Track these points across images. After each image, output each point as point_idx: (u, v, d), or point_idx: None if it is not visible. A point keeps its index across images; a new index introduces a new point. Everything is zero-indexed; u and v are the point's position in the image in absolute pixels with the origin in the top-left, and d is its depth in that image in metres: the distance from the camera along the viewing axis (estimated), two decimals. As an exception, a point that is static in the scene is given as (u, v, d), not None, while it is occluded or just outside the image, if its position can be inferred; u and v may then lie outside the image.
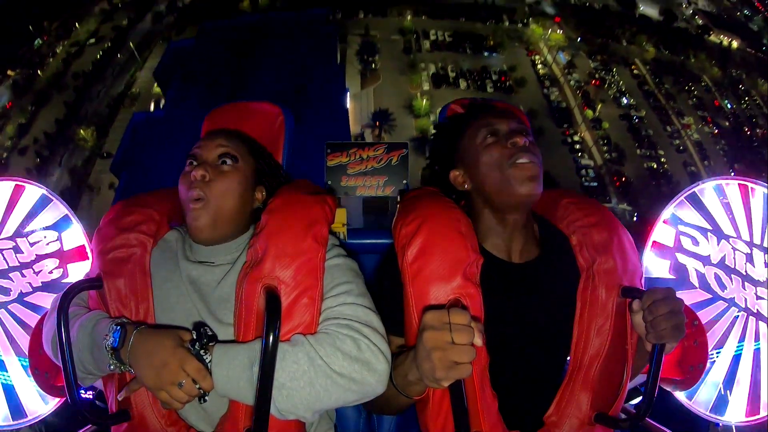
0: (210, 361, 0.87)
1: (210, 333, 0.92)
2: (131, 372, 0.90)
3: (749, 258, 1.33)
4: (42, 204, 1.46)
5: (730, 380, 1.36)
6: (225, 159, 1.05)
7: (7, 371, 1.42)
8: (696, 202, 1.42)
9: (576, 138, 35.36)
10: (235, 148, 1.07)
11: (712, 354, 1.35)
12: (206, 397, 0.88)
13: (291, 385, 0.85)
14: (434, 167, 1.19)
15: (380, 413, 1.23)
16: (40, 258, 1.45)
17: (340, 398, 0.87)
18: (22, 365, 1.42)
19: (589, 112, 36.46)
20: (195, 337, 0.90)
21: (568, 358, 1.04)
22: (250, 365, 0.86)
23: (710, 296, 1.40)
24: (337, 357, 0.87)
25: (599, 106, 36.97)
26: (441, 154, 1.17)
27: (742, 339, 1.36)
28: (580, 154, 34.41)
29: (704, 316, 1.38)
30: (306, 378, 0.86)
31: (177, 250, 1.06)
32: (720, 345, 1.38)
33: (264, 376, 0.82)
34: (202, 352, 0.88)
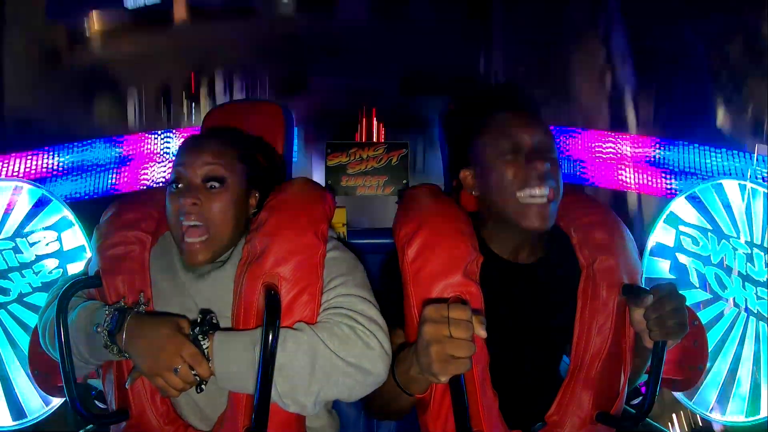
0: (207, 348, 0.87)
1: (214, 322, 0.92)
2: (126, 358, 0.90)
3: (749, 258, 1.33)
4: (42, 204, 1.46)
5: (730, 380, 1.36)
6: (212, 183, 0.98)
7: (7, 371, 1.42)
8: (696, 202, 1.43)
9: None
10: (222, 164, 0.99)
11: (712, 354, 1.35)
12: (203, 386, 0.87)
13: (291, 364, 0.85)
14: (445, 159, 1.15)
15: (383, 417, 1.18)
16: (39, 258, 1.45)
17: (339, 382, 0.87)
18: (21, 365, 1.42)
19: None
20: (198, 322, 0.90)
21: (565, 356, 1.04)
22: (252, 347, 0.86)
23: (710, 296, 1.41)
24: (334, 342, 0.87)
25: None
26: (452, 148, 1.12)
27: (742, 339, 1.36)
28: None
29: (704, 316, 1.39)
30: (306, 358, 0.85)
31: (174, 248, 1.06)
32: (720, 345, 1.38)
33: (264, 372, 0.82)
34: (200, 337, 0.87)
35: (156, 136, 2.16)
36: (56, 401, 1.42)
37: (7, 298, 1.43)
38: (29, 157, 1.73)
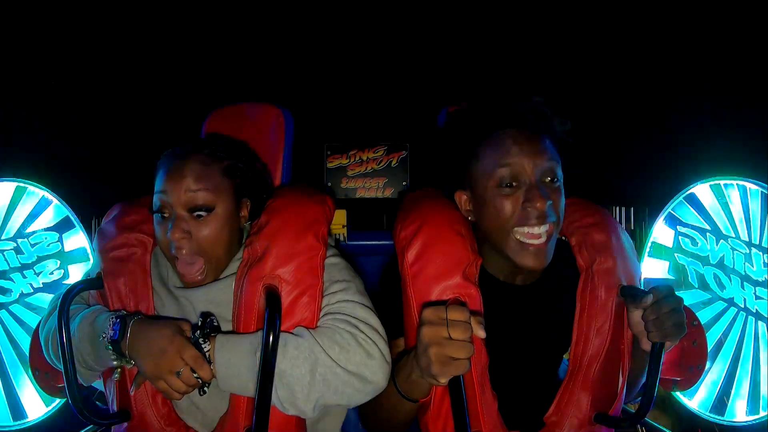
0: (208, 351, 0.87)
1: (215, 324, 0.92)
2: (129, 366, 0.90)
3: (748, 258, 1.34)
4: (43, 205, 1.47)
5: (729, 380, 1.36)
6: (199, 213, 0.94)
7: (7, 371, 1.42)
8: (694, 203, 1.43)
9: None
10: (206, 188, 0.94)
11: (711, 354, 1.36)
12: (205, 389, 0.87)
13: (292, 372, 0.85)
14: (440, 179, 1.09)
15: (384, 430, 1.10)
16: (41, 259, 1.46)
17: (338, 390, 0.87)
18: (22, 365, 1.43)
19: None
20: (198, 325, 0.90)
21: (564, 357, 1.04)
22: (253, 352, 0.86)
23: (709, 296, 1.41)
24: (334, 350, 0.87)
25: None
26: (448, 169, 1.05)
27: (741, 339, 1.37)
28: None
29: (703, 316, 1.39)
30: (307, 365, 0.86)
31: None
32: (719, 345, 1.39)
33: (265, 373, 0.82)
34: (201, 340, 0.87)
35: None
36: (56, 401, 1.42)
37: (8, 299, 1.44)
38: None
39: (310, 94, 1.84)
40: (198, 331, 0.89)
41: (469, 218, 1.03)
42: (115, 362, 0.90)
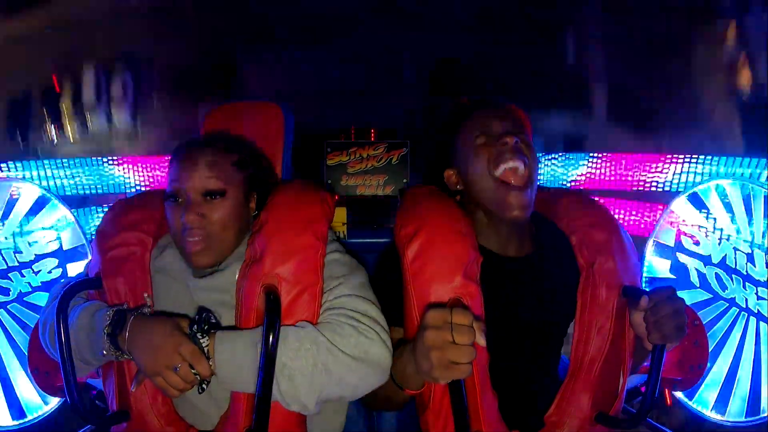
0: (207, 346, 0.86)
1: (213, 321, 0.92)
2: (125, 359, 0.89)
3: (750, 258, 1.33)
4: (41, 204, 1.46)
5: (730, 380, 1.37)
6: (211, 196, 0.98)
7: (7, 371, 1.42)
8: (697, 202, 1.43)
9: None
10: (220, 176, 0.99)
11: (712, 354, 1.36)
12: (204, 386, 0.86)
13: (293, 364, 0.85)
14: (430, 163, 1.17)
15: (382, 409, 1.19)
16: (39, 258, 1.45)
17: (340, 380, 0.87)
18: (21, 365, 1.42)
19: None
20: (196, 320, 0.89)
21: (564, 357, 1.04)
22: (254, 345, 0.86)
23: (711, 296, 1.41)
24: (337, 341, 0.87)
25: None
26: (436, 151, 1.15)
27: (742, 339, 1.37)
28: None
29: (705, 316, 1.39)
30: (308, 357, 0.86)
31: (174, 251, 1.05)
32: (720, 345, 1.39)
33: (265, 375, 0.82)
34: (199, 335, 0.87)
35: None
36: (56, 401, 1.42)
37: (6, 298, 1.44)
38: None
39: (310, 91, 1.84)
40: (195, 326, 0.88)
41: (459, 187, 1.09)
42: (113, 356, 0.89)
